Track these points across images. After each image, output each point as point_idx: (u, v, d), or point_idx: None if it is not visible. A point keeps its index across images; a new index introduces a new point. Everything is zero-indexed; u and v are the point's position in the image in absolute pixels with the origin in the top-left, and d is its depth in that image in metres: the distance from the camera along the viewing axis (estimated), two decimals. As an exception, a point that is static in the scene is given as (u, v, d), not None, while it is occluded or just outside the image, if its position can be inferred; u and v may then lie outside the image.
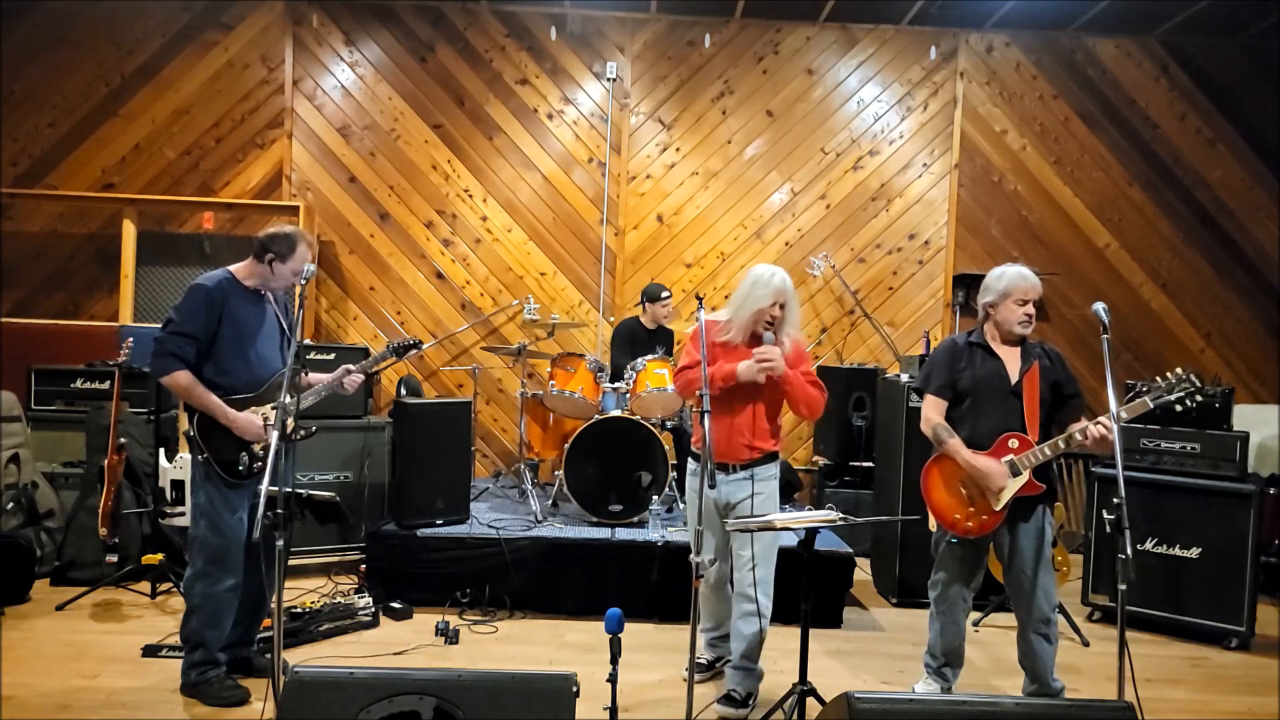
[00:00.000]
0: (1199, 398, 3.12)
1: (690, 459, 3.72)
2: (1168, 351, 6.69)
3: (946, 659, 3.57)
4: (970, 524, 3.40)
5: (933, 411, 3.49)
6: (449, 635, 4.07)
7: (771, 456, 3.62)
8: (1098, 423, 3.17)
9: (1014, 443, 3.33)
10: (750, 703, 3.47)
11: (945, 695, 3.46)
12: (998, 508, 3.35)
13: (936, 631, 3.56)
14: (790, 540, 3.87)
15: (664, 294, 5.86)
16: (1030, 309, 3.40)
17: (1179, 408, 3.20)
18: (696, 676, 3.60)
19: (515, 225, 6.69)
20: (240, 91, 6.57)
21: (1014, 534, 3.40)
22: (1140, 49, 6.66)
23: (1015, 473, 3.32)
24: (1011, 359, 3.43)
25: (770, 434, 3.58)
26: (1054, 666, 3.42)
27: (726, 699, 3.47)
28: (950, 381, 3.48)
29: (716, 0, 6.43)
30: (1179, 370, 3.17)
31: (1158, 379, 3.22)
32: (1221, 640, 4.40)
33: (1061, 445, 3.26)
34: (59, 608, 4.32)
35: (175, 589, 4.47)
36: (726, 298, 6.68)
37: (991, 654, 4.24)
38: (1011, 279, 3.40)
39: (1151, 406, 3.15)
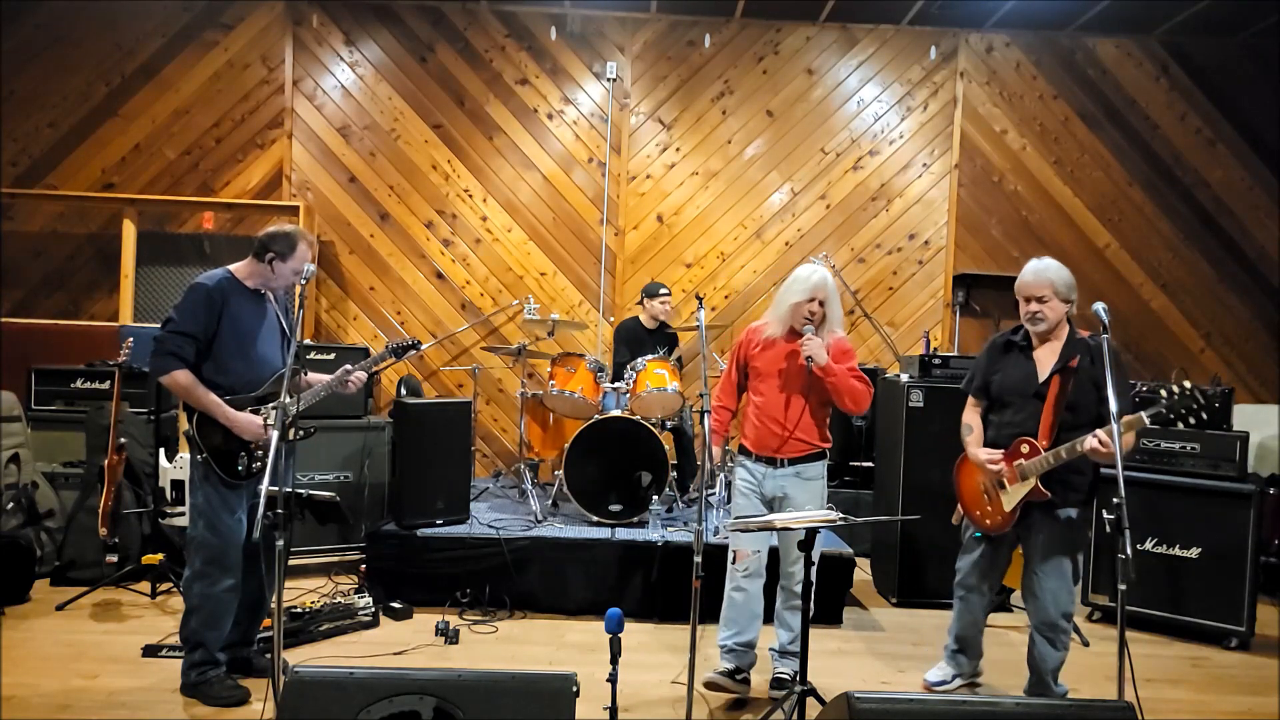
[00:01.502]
0: (1203, 415, 3.03)
1: (741, 454, 3.72)
2: (1168, 351, 6.69)
3: (960, 645, 3.70)
4: (987, 521, 3.48)
5: (967, 412, 3.62)
6: (449, 635, 4.07)
7: (819, 455, 3.64)
8: (1095, 435, 3.10)
9: (1025, 448, 3.32)
10: (796, 678, 3.59)
11: (945, 695, 3.47)
12: (1007, 509, 3.38)
13: (954, 615, 3.72)
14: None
15: (662, 290, 5.84)
16: (1034, 306, 3.33)
17: (1181, 425, 3.09)
18: (714, 682, 3.59)
19: (515, 225, 6.69)
20: (240, 91, 6.57)
21: (1028, 536, 3.42)
22: (1140, 49, 6.66)
23: (1022, 477, 3.32)
24: (1047, 358, 3.37)
25: (817, 429, 3.62)
26: (1059, 672, 3.42)
27: (777, 683, 3.64)
28: (984, 384, 3.54)
29: (716, 0, 6.43)
30: (1186, 384, 3.05)
31: (1161, 391, 3.10)
32: (1221, 640, 4.39)
33: (1064, 454, 3.20)
34: (59, 608, 4.32)
35: (175, 589, 4.46)
36: (726, 298, 6.72)
37: (992, 654, 4.22)
38: (1018, 282, 3.41)
39: (1147, 424, 3.07)
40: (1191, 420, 3.03)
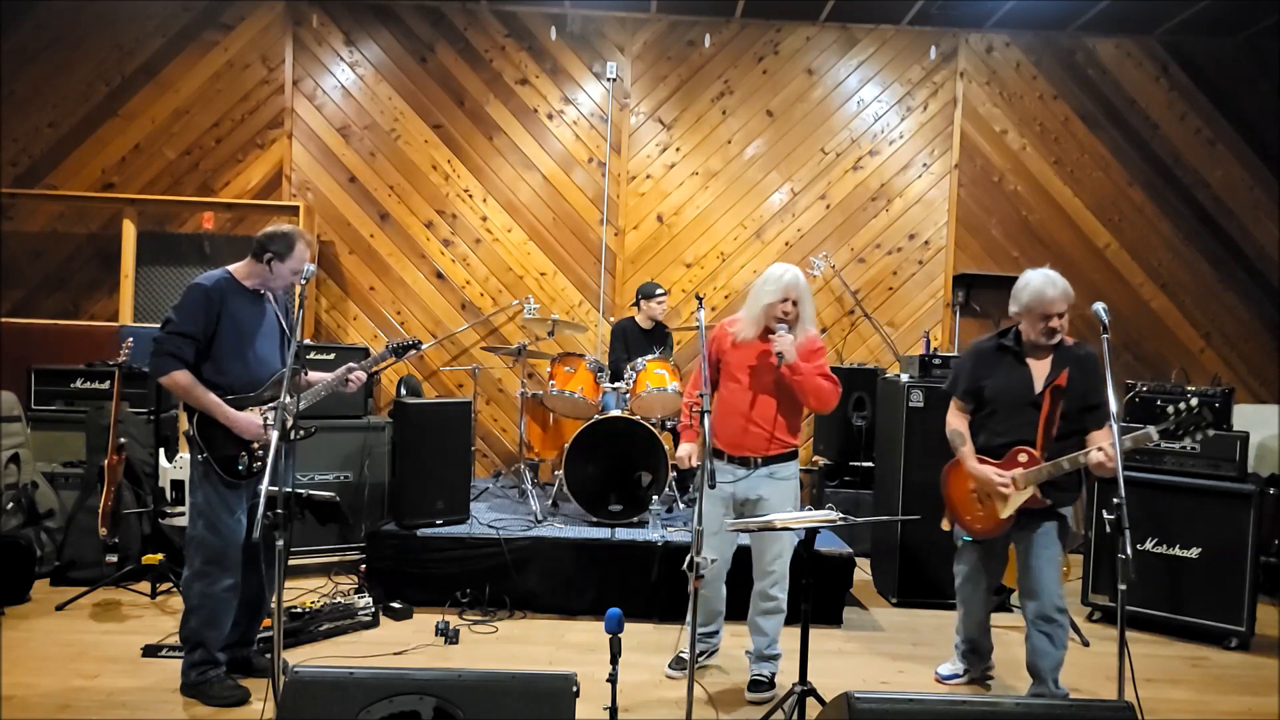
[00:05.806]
0: (1209, 431, 3.09)
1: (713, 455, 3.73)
2: (1168, 351, 6.69)
3: (969, 645, 3.76)
4: (979, 526, 3.51)
5: (953, 416, 3.60)
6: (449, 635, 4.07)
7: (791, 454, 3.66)
8: (1099, 448, 3.17)
9: (1023, 457, 3.35)
10: (774, 681, 3.64)
11: (945, 695, 3.47)
12: (1003, 516, 3.40)
13: (959, 619, 3.78)
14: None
15: (658, 291, 5.82)
16: (1055, 322, 3.33)
17: (1189, 442, 3.19)
18: (680, 672, 3.68)
19: (515, 225, 6.69)
20: (240, 91, 6.57)
21: (1021, 538, 3.45)
22: (1140, 49, 6.65)
23: (1020, 486, 3.35)
24: (1041, 367, 3.40)
25: (789, 428, 3.63)
26: (1058, 670, 3.42)
27: (755, 685, 3.62)
28: (973, 388, 3.53)
29: (716, 0, 6.43)
30: (1194, 401, 3.09)
31: (1169, 409, 3.14)
32: (1221, 640, 4.39)
33: (1065, 465, 3.25)
34: (59, 608, 4.32)
35: (175, 589, 4.46)
36: (726, 298, 6.72)
37: (998, 653, 4.22)
38: (1033, 294, 3.35)
39: (1155, 442, 3.14)
40: (1199, 437, 3.11)
